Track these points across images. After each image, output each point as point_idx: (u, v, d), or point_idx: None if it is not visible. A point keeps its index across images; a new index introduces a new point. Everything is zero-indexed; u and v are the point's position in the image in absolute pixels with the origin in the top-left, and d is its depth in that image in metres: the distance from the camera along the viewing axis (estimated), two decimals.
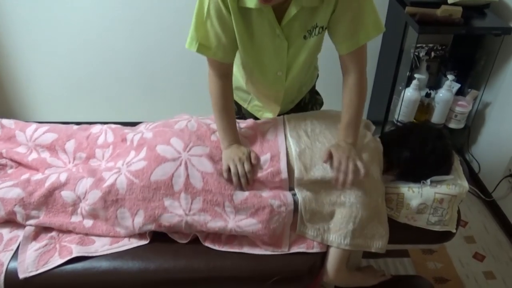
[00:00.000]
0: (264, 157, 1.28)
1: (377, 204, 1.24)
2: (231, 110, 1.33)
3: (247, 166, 1.24)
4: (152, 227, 1.22)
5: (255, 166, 1.26)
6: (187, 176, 1.22)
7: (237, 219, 1.22)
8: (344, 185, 1.19)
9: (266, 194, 1.24)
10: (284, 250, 1.23)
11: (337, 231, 1.22)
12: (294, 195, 1.25)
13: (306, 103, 1.62)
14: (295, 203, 1.24)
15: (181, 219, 1.21)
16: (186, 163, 1.24)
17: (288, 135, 1.33)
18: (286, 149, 1.30)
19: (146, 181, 1.22)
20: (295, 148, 1.28)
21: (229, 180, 1.24)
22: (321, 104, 1.69)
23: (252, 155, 1.26)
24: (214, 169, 1.25)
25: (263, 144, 1.33)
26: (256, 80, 1.41)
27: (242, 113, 1.64)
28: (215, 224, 1.21)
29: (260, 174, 1.26)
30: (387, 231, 1.25)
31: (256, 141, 1.35)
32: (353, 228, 1.20)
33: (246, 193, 1.23)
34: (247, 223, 1.21)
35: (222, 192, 1.22)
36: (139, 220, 1.22)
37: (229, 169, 1.24)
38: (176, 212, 1.21)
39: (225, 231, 1.22)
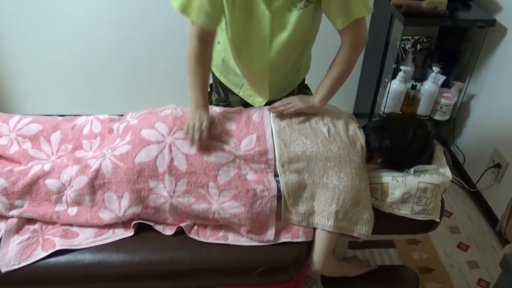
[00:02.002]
0: (250, 137, 1.30)
1: (360, 188, 1.25)
2: (205, 75, 1.37)
3: (205, 123, 1.28)
4: (138, 209, 1.22)
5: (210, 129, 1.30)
6: (171, 158, 1.23)
7: (221, 201, 1.22)
8: (275, 108, 1.35)
9: (250, 177, 1.25)
10: (270, 239, 1.23)
11: (321, 213, 1.23)
12: (278, 182, 1.26)
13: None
14: (279, 190, 1.25)
15: (166, 200, 1.22)
16: (170, 146, 1.25)
17: (270, 116, 1.37)
18: (272, 129, 1.32)
19: (130, 163, 1.22)
20: (275, 127, 1.32)
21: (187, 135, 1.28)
22: None
23: (213, 124, 1.32)
24: (198, 151, 1.25)
25: (248, 126, 1.35)
26: (242, 50, 1.40)
27: (229, 101, 1.64)
28: (199, 205, 1.22)
29: (247, 153, 1.27)
30: (372, 217, 1.26)
31: (242, 122, 1.37)
32: (336, 209, 1.21)
33: (231, 175, 1.24)
34: (230, 205, 1.22)
35: (206, 172, 1.23)
36: (125, 202, 1.22)
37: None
38: (161, 193, 1.22)
39: (209, 214, 1.23)
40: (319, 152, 1.26)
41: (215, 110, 1.43)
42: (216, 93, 1.66)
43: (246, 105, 1.59)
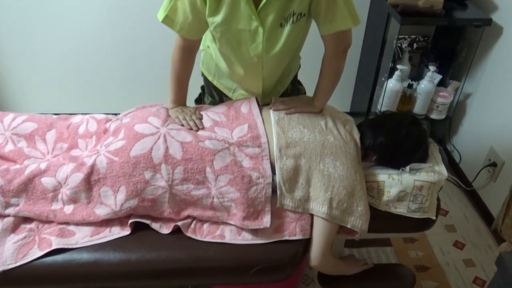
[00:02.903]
0: (241, 127, 1.33)
1: (355, 179, 1.25)
2: (186, 80, 1.44)
3: (194, 116, 1.36)
4: (134, 202, 1.22)
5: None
6: (166, 148, 1.24)
7: (218, 185, 1.23)
8: (275, 106, 1.39)
9: (246, 164, 1.26)
10: (266, 226, 1.23)
11: (316, 199, 1.24)
12: (274, 174, 1.27)
13: (289, 94, 1.63)
14: (274, 181, 1.26)
15: (165, 190, 1.22)
16: (164, 136, 1.26)
17: (266, 108, 1.40)
18: (263, 120, 1.35)
19: (125, 157, 1.22)
20: (273, 117, 1.35)
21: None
22: (304, 94, 1.69)
23: (197, 112, 1.39)
24: (193, 139, 1.26)
25: (239, 117, 1.37)
26: (234, 65, 1.41)
27: None
28: (198, 191, 1.23)
29: (240, 139, 1.29)
30: (368, 211, 1.27)
31: (231, 114, 1.39)
32: (331, 197, 1.22)
33: (227, 160, 1.25)
34: (226, 190, 1.23)
35: (203, 157, 1.24)
36: (121, 196, 1.22)
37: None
38: (159, 184, 1.22)
39: (208, 199, 1.24)
40: (316, 139, 1.28)
41: (202, 107, 1.45)
42: (210, 96, 1.65)
43: None
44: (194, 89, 1.65)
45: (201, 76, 1.64)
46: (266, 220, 1.24)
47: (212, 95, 1.63)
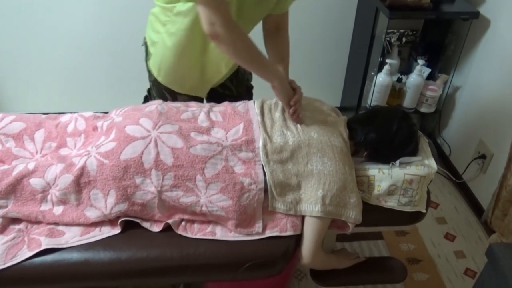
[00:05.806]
0: (237, 128, 1.31)
1: (345, 172, 1.25)
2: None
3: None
4: (124, 206, 1.21)
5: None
6: (157, 153, 1.22)
7: (208, 194, 1.22)
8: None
9: (238, 169, 1.25)
10: (258, 231, 1.23)
11: (308, 200, 1.24)
12: (265, 176, 1.26)
13: (243, 74, 1.68)
14: (266, 183, 1.25)
15: (154, 195, 1.21)
16: (155, 140, 1.24)
17: (256, 107, 1.39)
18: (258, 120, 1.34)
19: (115, 160, 1.21)
20: (257, 118, 1.34)
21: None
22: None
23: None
24: (184, 144, 1.25)
25: (235, 117, 1.35)
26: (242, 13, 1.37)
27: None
28: (187, 199, 1.22)
29: (234, 142, 1.27)
30: (360, 201, 1.27)
31: (228, 114, 1.37)
32: (323, 194, 1.22)
33: (219, 168, 1.24)
34: (218, 198, 1.22)
35: (193, 165, 1.22)
36: (111, 200, 1.21)
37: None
38: (148, 189, 1.21)
39: (197, 207, 1.23)
40: (300, 140, 1.27)
41: (201, 105, 1.43)
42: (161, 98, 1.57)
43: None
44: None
45: (148, 80, 1.58)
46: (258, 225, 1.24)
47: (164, 96, 1.57)
